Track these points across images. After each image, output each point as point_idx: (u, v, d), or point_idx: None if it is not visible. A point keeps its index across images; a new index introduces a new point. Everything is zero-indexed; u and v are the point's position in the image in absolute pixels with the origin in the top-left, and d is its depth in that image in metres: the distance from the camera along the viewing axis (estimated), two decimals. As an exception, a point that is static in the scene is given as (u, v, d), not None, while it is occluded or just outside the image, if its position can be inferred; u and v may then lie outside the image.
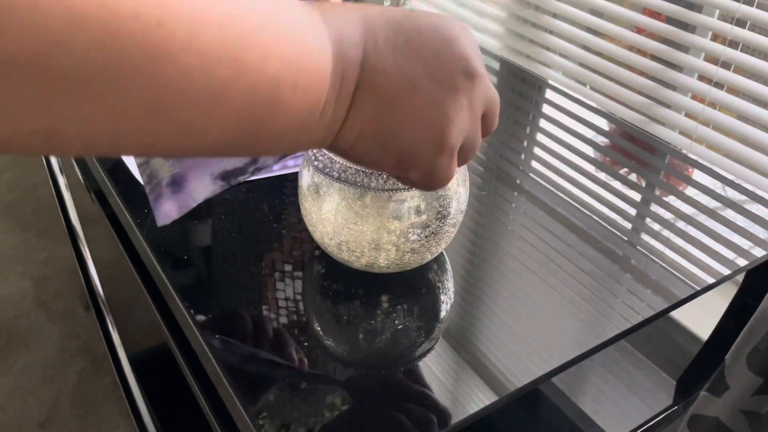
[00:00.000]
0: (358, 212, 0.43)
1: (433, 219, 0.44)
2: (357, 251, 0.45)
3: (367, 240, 0.44)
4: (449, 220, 0.45)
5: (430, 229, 0.44)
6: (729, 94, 0.83)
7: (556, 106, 0.79)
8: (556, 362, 0.43)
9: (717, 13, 0.85)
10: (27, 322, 1.37)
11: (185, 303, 0.46)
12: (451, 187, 0.44)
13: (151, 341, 1.05)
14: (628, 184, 0.64)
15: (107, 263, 1.20)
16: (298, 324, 0.45)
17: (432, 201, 0.43)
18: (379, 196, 0.42)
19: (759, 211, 0.60)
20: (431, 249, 0.46)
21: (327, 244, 0.46)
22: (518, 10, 1.08)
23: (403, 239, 0.44)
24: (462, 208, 0.46)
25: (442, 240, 0.46)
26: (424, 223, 0.44)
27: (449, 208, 0.44)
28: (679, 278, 0.51)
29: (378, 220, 0.43)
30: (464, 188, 0.46)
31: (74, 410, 1.19)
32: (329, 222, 0.44)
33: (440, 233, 0.45)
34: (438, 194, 0.43)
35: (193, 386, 0.59)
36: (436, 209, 0.44)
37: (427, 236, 0.44)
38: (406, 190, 0.42)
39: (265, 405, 0.39)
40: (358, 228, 0.43)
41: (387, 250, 0.44)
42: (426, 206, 0.43)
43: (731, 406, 0.52)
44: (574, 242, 0.54)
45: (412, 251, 0.45)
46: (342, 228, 0.44)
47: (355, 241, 0.44)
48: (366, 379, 0.41)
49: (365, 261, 0.45)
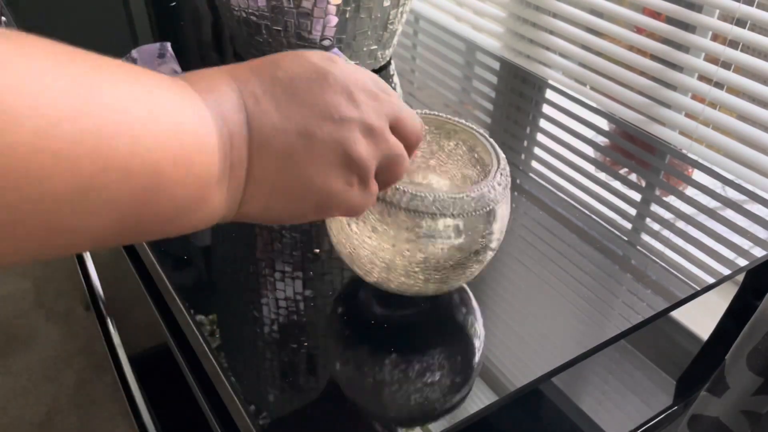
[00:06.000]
0: (375, 227, 0.38)
1: (459, 252, 0.39)
2: (367, 267, 0.41)
3: (380, 258, 0.39)
4: (478, 256, 0.40)
5: (451, 263, 0.39)
6: (729, 94, 0.83)
7: (556, 106, 0.78)
8: (556, 362, 0.43)
9: (717, 13, 0.85)
10: (27, 322, 1.37)
11: (185, 303, 0.46)
12: (488, 220, 0.38)
13: (151, 341, 1.05)
14: (628, 184, 0.63)
15: (107, 263, 1.21)
16: (298, 324, 0.45)
17: (461, 232, 0.38)
18: (400, 216, 0.37)
19: (759, 211, 0.60)
20: (450, 282, 0.41)
21: (340, 251, 0.43)
22: (518, 9, 1.08)
23: (419, 267, 0.39)
24: (493, 246, 0.41)
25: (463, 275, 0.41)
26: (446, 256, 0.38)
27: (480, 242, 0.39)
28: (679, 278, 0.51)
29: (395, 240, 0.38)
30: (500, 225, 0.40)
31: (74, 410, 1.19)
32: (343, 228, 0.40)
33: (464, 267, 0.40)
34: (469, 226, 0.38)
35: (193, 386, 0.59)
36: (464, 242, 0.38)
37: (446, 268, 0.39)
38: (432, 216, 0.37)
39: (265, 405, 0.39)
40: (372, 243, 0.39)
41: (399, 274, 0.40)
42: (454, 236, 0.38)
43: (731, 406, 0.52)
44: (574, 242, 0.54)
45: (426, 281, 0.40)
46: (355, 239, 0.40)
47: (367, 257, 0.40)
48: (366, 379, 0.41)
49: (375, 278, 0.42)
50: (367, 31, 0.75)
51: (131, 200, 0.24)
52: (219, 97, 0.28)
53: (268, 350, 0.43)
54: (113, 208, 0.23)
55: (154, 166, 0.24)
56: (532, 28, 1.08)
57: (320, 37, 0.72)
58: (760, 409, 0.52)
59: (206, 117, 0.27)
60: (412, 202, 0.37)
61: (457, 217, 0.37)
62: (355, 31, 0.74)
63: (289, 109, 0.30)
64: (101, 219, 0.23)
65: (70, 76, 0.21)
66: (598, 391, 0.59)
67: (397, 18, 0.77)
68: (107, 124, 0.22)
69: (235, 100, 0.29)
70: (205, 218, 0.29)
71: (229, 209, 0.30)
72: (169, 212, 0.26)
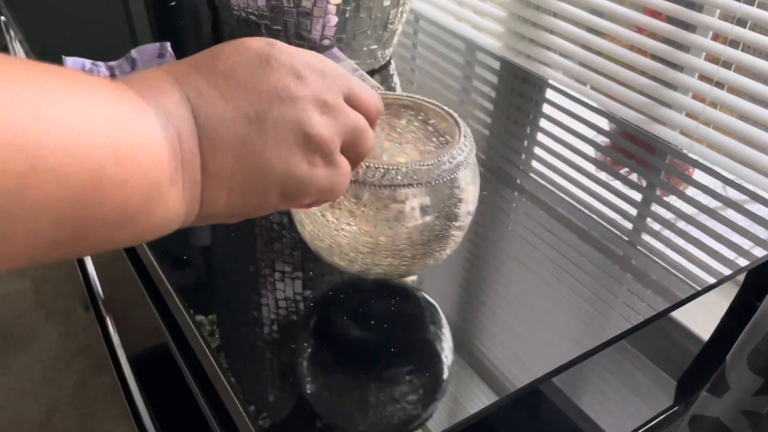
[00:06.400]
0: (353, 211, 0.38)
1: (438, 220, 0.39)
2: (350, 255, 0.40)
3: (362, 243, 0.39)
4: (457, 222, 0.40)
5: (434, 232, 0.39)
6: (730, 94, 0.83)
7: (556, 105, 0.78)
8: (556, 362, 0.43)
9: (718, 12, 0.85)
10: (26, 322, 1.37)
11: (185, 303, 0.46)
12: (461, 185, 0.39)
13: (151, 341, 1.05)
14: (628, 184, 0.63)
15: (107, 263, 1.20)
16: (297, 324, 0.45)
17: (439, 200, 0.38)
18: (377, 194, 0.37)
19: (760, 211, 0.60)
20: (435, 255, 0.41)
21: (317, 246, 0.42)
22: (518, 9, 1.08)
23: (404, 243, 0.39)
24: (470, 209, 0.42)
25: (447, 245, 0.41)
26: (428, 226, 0.39)
27: (457, 208, 0.39)
28: (679, 278, 0.51)
29: (375, 220, 0.38)
30: (474, 187, 0.41)
31: (74, 410, 1.19)
32: (318, 220, 0.39)
33: (446, 237, 0.40)
34: (445, 192, 0.39)
35: (193, 386, 0.59)
36: (443, 209, 0.39)
37: (430, 240, 0.40)
38: (408, 187, 0.37)
39: (265, 405, 0.39)
40: (352, 229, 0.38)
41: (385, 255, 0.40)
42: (432, 206, 0.38)
43: (732, 407, 0.52)
44: (574, 242, 0.54)
45: (413, 257, 0.40)
46: (333, 228, 0.39)
47: (349, 244, 0.39)
48: (366, 379, 0.41)
49: (359, 267, 0.41)
50: (367, 30, 0.75)
51: (69, 201, 0.22)
52: (159, 94, 0.27)
53: (268, 350, 0.43)
54: (49, 211, 0.22)
55: (91, 165, 0.23)
56: (532, 28, 1.08)
57: (320, 37, 0.72)
58: (761, 410, 0.52)
59: (147, 112, 0.26)
60: (385, 176, 0.36)
61: (432, 184, 0.37)
62: (355, 30, 0.74)
63: (235, 97, 0.29)
64: (37, 223, 0.22)
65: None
66: (598, 392, 0.59)
67: (397, 18, 0.77)
68: (33, 120, 0.21)
69: (176, 96, 0.28)
70: (164, 222, 0.27)
71: (189, 210, 0.29)
72: (119, 215, 0.25)
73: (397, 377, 0.41)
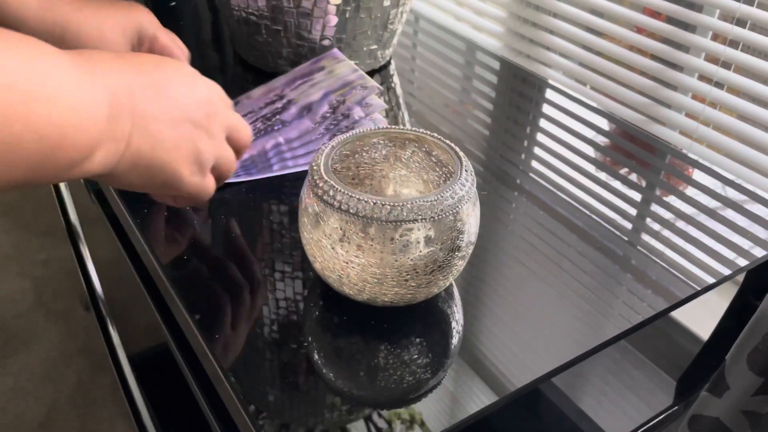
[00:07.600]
0: (361, 245, 0.40)
1: (442, 252, 0.41)
2: (358, 285, 0.42)
3: (370, 274, 0.41)
4: (459, 252, 0.42)
5: (438, 263, 0.41)
6: (729, 94, 0.83)
7: (556, 106, 0.78)
8: (556, 362, 0.43)
9: (717, 12, 0.85)
10: (27, 322, 1.37)
11: (185, 303, 0.46)
12: (463, 218, 0.41)
13: (151, 341, 1.05)
14: (628, 184, 0.63)
15: (107, 263, 1.20)
16: (297, 324, 0.45)
17: (442, 233, 0.40)
18: (384, 229, 0.39)
19: (759, 211, 0.60)
20: (438, 283, 0.43)
21: (327, 276, 0.44)
22: (518, 9, 1.08)
23: (409, 274, 0.41)
24: (472, 239, 0.44)
25: (450, 273, 0.43)
26: (432, 257, 0.41)
27: (459, 240, 0.42)
28: (679, 278, 0.51)
29: (382, 253, 0.40)
30: (474, 219, 0.43)
31: (74, 410, 1.19)
32: (329, 253, 0.42)
33: (449, 266, 0.42)
34: (448, 225, 0.41)
35: (193, 386, 0.59)
36: (445, 241, 0.41)
37: (434, 270, 0.42)
38: (413, 222, 0.39)
39: (265, 405, 0.39)
40: (360, 261, 0.41)
41: (391, 285, 0.42)
42: (435, 239, 0.40)
43: (732, 407, 0.52)
44: (574, 242, 0.54)
45: (418, 286, 0.42)
46: (343, 261, 0.41)
47: (357, 276, 0.41)
48: (366, 379, 0.41)
49: (367, 296, 0.43)
50: (367, 30, 0.75)
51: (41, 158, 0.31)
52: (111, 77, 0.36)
53: (268, 350, 0.43)
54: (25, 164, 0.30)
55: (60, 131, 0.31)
56: (532, 28, 1.08)
57: (320, 37, 0.72)
58: (761, 410, 0.52)
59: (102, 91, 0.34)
60: (391, 213, 0.39)
61: (436, 219, 0.40)
62: (355, 30, 0.74)
63: (168, 106, 0.38)
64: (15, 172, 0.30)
65: None
66: (598, 391, 0.59)
67: (397, 18, 0.77)
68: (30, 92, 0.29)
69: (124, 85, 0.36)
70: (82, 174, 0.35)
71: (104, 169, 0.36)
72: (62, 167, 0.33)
73: (397, 377, 0.41)
